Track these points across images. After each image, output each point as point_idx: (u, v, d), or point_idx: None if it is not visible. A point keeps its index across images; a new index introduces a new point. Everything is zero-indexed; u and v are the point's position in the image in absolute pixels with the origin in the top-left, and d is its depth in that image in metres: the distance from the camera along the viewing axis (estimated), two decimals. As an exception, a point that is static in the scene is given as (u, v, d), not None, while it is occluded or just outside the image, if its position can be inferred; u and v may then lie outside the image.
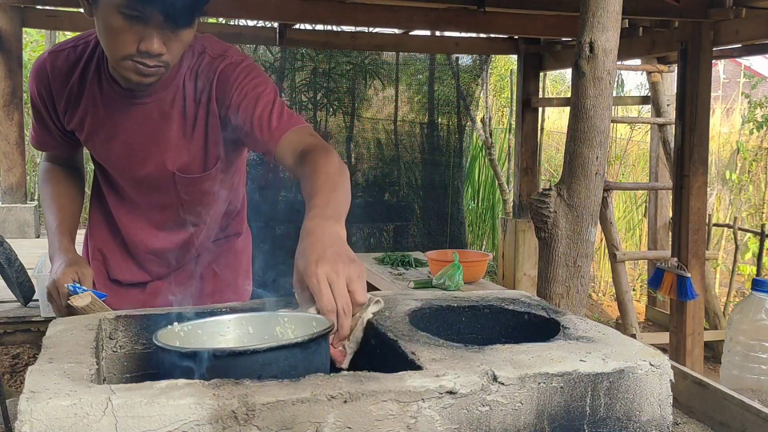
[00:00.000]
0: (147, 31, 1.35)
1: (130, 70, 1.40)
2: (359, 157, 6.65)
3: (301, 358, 0.95)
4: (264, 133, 1.45)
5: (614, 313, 5.96)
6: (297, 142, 1.42)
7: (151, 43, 1.35)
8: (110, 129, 1.58)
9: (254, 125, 1.45)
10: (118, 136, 1.58)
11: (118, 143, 1.59)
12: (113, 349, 1.16)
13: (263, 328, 1.12)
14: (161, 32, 1.36)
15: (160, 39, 1.36)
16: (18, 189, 4.81)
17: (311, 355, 0.97)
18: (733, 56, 5.38)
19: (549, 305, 1.28)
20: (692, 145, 4.06)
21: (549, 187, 1.77)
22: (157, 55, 1.37)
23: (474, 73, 6.62)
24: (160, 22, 1.34)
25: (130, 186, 1.67)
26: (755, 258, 5.34)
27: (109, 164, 1.66)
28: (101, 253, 1.76)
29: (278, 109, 1.47)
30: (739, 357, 1.63)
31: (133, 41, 1.36)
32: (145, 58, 1.38)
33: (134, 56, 1.38)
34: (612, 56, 1.67)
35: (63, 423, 0.78)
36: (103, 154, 1.64)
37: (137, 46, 1.36)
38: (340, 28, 5.37)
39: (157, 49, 1.36)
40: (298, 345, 0.94)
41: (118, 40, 1.37)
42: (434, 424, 0.88)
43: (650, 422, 0.98)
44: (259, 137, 1.45)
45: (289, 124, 1.45)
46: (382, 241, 6.38)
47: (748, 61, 12.29)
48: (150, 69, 1.40)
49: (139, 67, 1.39)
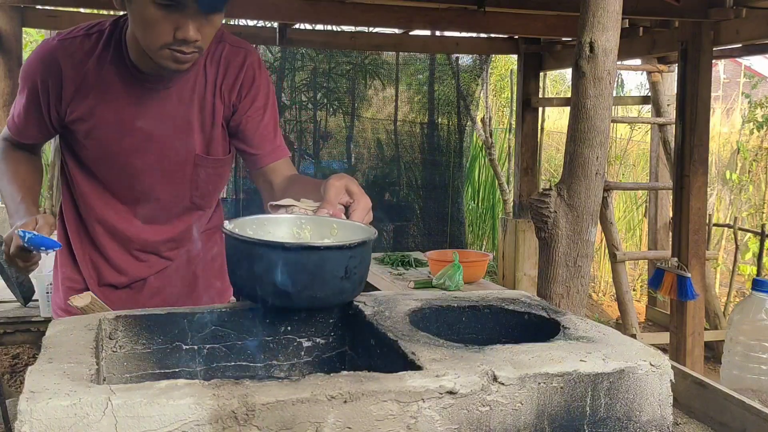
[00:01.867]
0: (182, 19, 1.39)
1: (168, 58, 1.44)
2: (359, 157, 6.65)
3: (368, 254, 1.21)
4: (266, 145, 1.64)
5: (614, 313, 5.96)
6: (290, 170, 1.66)
7: (187, 30, 1.39)
8: (128, 117, 1.58)
9: (257, 132, 1.63)
10: (136, 123, 1.58)
11: (135, 130, 1.58)
12: (113, 349, 1.16)
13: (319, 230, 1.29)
14: (195, 18, 1.40)
15: (195, 25, 1.40)
16: (18, 189, 4.81)
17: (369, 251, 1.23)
18: (733, 56, 5.38)
19: (549, 305, 1.28)
20: (692, 145, 4.06)
21: (549, 187, 1.76)
22: (193, 41, 1.41)
23: (474, 73, 6.62)
24: (193, 9, 1.38)
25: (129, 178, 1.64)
26: (755, 258, 5.34)
27: (110, 156, 1.62)
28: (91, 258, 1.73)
29: (276, 125, 1.67)
30: (739, 357, 1.63)
31: (169, 30, 1.40)
32: (182, 46, 1.42)
33: (171, 45, 1.41)
34: (612, 56, 1.67)
35: (63, 423, 0.78)
36: (108, 145, 1.61)
37: (173, 34, 1.40)
38: (340, 28, 5.36)
39: (193, 35, 1.40)
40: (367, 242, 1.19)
41: (155, 30, 1.40)
42: (434, 425, 0.88)
43: (650, 422, 0.98)
44: (257, 144, 1.63)
45: (286, 152, 1.68)
46: (382, 241, 6.38)
47: (749, 61, 12.30)
48: (186, 56, 1.44)
49: (177, 55, 1.43)
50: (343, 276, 1.15)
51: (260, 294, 1.16)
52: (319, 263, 1.13)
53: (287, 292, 1.13)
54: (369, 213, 1.34)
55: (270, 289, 1.14)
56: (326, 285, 1.15)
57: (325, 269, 1.14)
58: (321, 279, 1.14)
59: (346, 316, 1.27)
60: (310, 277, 1.13)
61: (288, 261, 1.13)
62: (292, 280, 1.13)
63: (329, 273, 1.14)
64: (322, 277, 1.14)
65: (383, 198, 6.64)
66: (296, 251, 1.13)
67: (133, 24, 1.47)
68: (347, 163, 6.57)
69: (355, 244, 1.16)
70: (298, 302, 1.16)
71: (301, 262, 1.13)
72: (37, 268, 1.54)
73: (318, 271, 1.13)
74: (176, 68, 1.47)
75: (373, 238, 1.21)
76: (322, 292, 1.15)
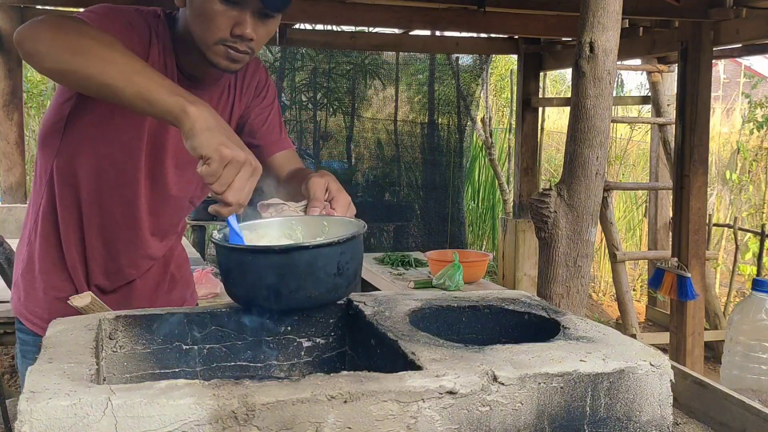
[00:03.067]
0: (242, 16, 1.40)
1: (221, 55, 1.45)
2: (359, 157, 6.65)
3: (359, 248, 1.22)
4: (271, 136, 1.66)
5: (614, 313, 5.96)
6: (295, 162, 1.67)
7: (246, 26, 1.41)
8: None
9: (263, 126, 1.66)
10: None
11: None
12: (113, 349, 1.16)
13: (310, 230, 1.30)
14: (254, 17, 1.42)
15: (253, 24, 1.42)
16: (18, 189, 4.82)
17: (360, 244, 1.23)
18: (733, 56, 5.38)
19: (549, 305, 1.28)
20: (692, 145, 4.06)
21: (549, 187, 1.76)
22: (248, 39, 1.43)
23: (474, 73, 6.62)
24: (255, 8, 1.40)
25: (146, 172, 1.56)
26: (755, 258, 5.34)
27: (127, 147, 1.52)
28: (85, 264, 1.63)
29: (282, 122, 1.72)
30: (739, 357, 1.63)
31: (227, 25, 1.41)
32: (237, 43, 1.43)
33: (227, 40, 1.42)
34: (612, 56, 1.67)
35: (63, 423, 0.78)
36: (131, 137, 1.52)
37: (231, 30, 1.41)
38: (340, 28, 5.37)
39: (249, 33, 1.42)
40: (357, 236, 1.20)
41: (214, 23, 1.41)
42: (434, 425, 0.88)
43: (650, 422, 0.98)
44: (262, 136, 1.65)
45: (290, 144, 1.70)
46: (382, 241, 6.39)
47: (749, 61, 12.31)
48: (240, 54, 1.45)
49: (230, 51, 1.44)
50: (336, 272, 1.15)
51: (256, 299, 1.17)
52: (310, 262, 1.13)
53: (282, 294, 1.13)
54: (350, 207, 1.36)
55: (264, 294, 1.14)
56: (320, 283, 1.15)
57: (317, 267, 1.14)
58: (314, 278, 1.14)
59: (346, 316, 1.27)
60: (302, 277, 1.13)
61: (279, 263, 1.13)
62: (285, 282, 1.13)
63: (322, 271, 1.14)
64: (315, 275, 1.14)
65: (383, 198, 6.64)
66: (286, 253, 1.13)
67: (191, 17, 1.46)
68: (347, 163, 6.57)
69: (344, 239, 1.16)
70: (293, 303, 1.16)
71: (292, 263, 1.13)
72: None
73: (310, 270, 1.13)
74: (226, 66, 1.47)
75: (363, 231, 1.22)
76: (316, 291, 1.15)
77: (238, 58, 1.46)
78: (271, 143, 1.65)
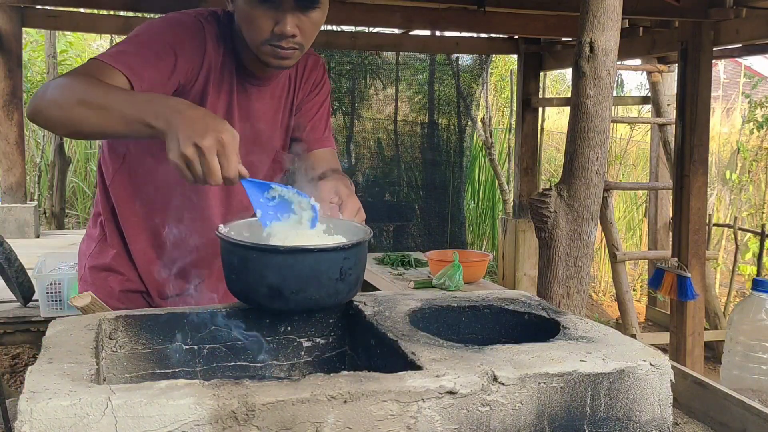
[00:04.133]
0: (279, 15, 1.43)
1: (269, 54, 1.48)
2: (359, 157, 6.65)
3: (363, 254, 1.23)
4: (316, 133, 1.70)
5: (614, 313, 5.96)
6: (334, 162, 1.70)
7: (284, 25, 1.43)
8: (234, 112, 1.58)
9: (310, 122, 1.70)
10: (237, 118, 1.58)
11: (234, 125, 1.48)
12: (113, 349, 1.16)
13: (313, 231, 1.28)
14: (293, 15, 1.44)
15: (293, 21, 1.44)
16: (18, 189, 4.82)
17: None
18: (733, 56, 5.38)
19: (549, 305, 1.28)
20: (692, 145, 4.06)
21: (549, 187, 1.76)
22: (290, 36, 1.45)
23: (474, 73, 6.62)
24: (290, 5, 1.42)
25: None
26: (755, 258, 5.34)
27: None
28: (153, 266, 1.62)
29: (329, 121, 1.77)
30: (739, 357, 1.63)
31: (268, 26, 1.44)
32: (280, 41, 1.45)
33: (271, 40, 1.45)
34: (612, 56, 1.67)
35: (63, 423, 0.78)
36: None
37: (272, 29, 1.44)
38: (340, 28, 5.36)
39: (290, 30, 1.44)
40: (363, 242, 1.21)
41: (255, 25, 1.45)
42: (434, 425, 0.88)
43: (650, 422, 0.98)
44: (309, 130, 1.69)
45: (332, 144, 1.75)
46: (382, 241, 6.38)
47: (749, 61, 12.29)
48: (286, 51, 1.47)
49: (277, 50, 1.47)
50: (338, 277, 1.15)
51: (255, 297, 1.17)
52: (313, 265, 1.13)
53: (282, 294, 1.13)
54: (359, 212, 1.36)
55: (265, 292, 1.14)
56: (321, 287, 1.15)
57: (319, 271, 1.14)
58: (316, 281, 1.14)
59: (346, 316, 1.27)
60: (304, 279, 1.13)
61: (282, 263, 1.13)
62: (286, 283, 1.13)
63: (324, 275, 1.14)
64: (317, 279, 1.14)
65: (383, 198, 6.63)
66: (290, 254, 1.13)
67: (238, 21, 1.50)
68: (347, 163, 6.57)
69: (349, 245, 1.17)
70: (293, 304, 1.16)
71: (295, 265, 1.13)
72: (37, 268, 1.45)
73: (313, 273, 1.13)
74: (278, 64, 1.51)
75: (368, 238, 1.22)
76: (317, 294, 1.15)
77: (286, 55, 1.49)
78: (313, 140, 1.69)
